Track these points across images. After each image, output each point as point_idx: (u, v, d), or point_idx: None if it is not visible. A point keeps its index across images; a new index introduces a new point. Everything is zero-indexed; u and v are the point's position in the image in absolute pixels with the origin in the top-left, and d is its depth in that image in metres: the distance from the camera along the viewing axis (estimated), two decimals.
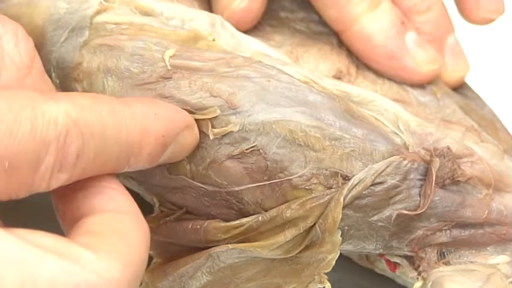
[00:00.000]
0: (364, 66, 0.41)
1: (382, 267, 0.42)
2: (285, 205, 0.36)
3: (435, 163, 0.37)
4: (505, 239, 0.39)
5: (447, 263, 0.38)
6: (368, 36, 0.41)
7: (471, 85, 0.44)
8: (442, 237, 0.38)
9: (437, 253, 0.38)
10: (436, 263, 0.38)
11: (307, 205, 0.36)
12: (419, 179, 0.37)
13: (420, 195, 0.37)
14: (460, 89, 0.44)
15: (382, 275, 0.43)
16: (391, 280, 0.43)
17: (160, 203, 0.38)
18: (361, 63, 0.41)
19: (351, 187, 0.36)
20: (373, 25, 0.40)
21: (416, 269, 0.38)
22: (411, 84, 0.41)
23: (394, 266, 0.40)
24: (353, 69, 0.41)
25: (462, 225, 0.38)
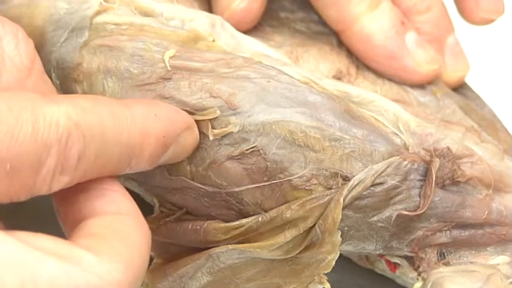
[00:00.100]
0: (364, 66, 0.41)
1: (382, 268, 0.42)
2: (284, 206, 0.36)
3: (435, 163, 0.37)
4: (505, 240, 0.39)
5: (447, 264, 0.38)
6: (368, 36, 0.41)
7: (471, 85, 0.44)
8: (442, 238, 0.38)
9: (437, 253, 0.38)
10: (436, 264, 0.38)
11: (307, 206, 0.36)
12: (419, 180, 0.37)
13: (420, 196, 0.37)
14: (460, 89, 0.44)
15: (382, 275, 0.43)
16: (391, 280, 0.43)
17: (161, 204, 0.38)
18: (361, 64, 0.41)
19: (350, 188, 0.36)
20: (373, 25, 0.40)
21: (416, 269, 0.38)
22: (411, 84, 0.41)
23: (394, 266, 0.40)
24: (353, 70, 0.41)
25: (462, 225, 0.38)
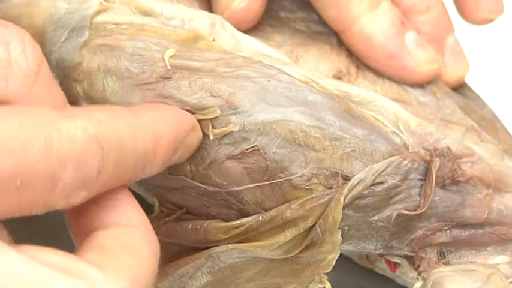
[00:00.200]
0: (364, 66, 0.41)
1: (382, 267, 0.42)
2: (285, 205, 0.36)
3: (435, 163, 0.37)
4: (505, 239, 0.39)
5: (447, 263, 0.38)
6: (368, 36, 0.41)
7: (471, 85, 0.44)
8: (442, 237, 0.38)
9: (438, 253, 0.38)
10: (436, 263, 0.38)
11: (307, 205, 0.36)
12: (419, 179, 0.37)
13: (420, 195, 0.37)
14: (460, 89, 0.44)
15: (382, 275, 0.43)
16: (391, 280, 0.43)
17: (161, 203, 0.38)
18: (361, 63, 0.41)
19: (351, 187, 0.36)
20: (373, 25, 0.41)
21: (416, 269, 0.38)
22: (411, 84, 0.41)
23: (394, 266, 0.40)
24: (353, 69, 0.41)
25: (462, 225, 0.38)
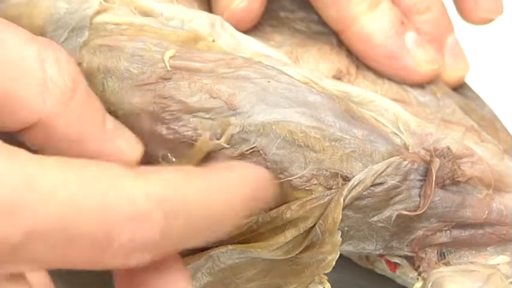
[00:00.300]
0: (364, 66, 0.41)
1: (382, 268, 0.42)
2: (284, 206, 0.36)
3: (435, 163, 0.37)
4: (505, 239, 0.39)
5: (447, 264, 0.38)
6: (368, 36, 0.41)
7: (471, 85, 0.44)
8: (442, 238, 0.38)
9: (438, 253, 0.38)
10: (436, 263, 0.38)
11: (307, 206, 0.36)
12: (419, 180, 0.37)
13: (420, 196, 0.37)
14: (460, 89, 0.44)
15: (382, 275, 0.43)
16: (391, 280, 0.43)
17: None
18: (361, 63, 0.41)
19: (351, 188, 0.36)
20: (373, 25, 0.40)
21: (416, 269, 0.38)
22: (411, 84, 0.41)
23: (394, 266, 0.40)
24: (353, 69, 0.41)
25: (462, 225, 0.38)
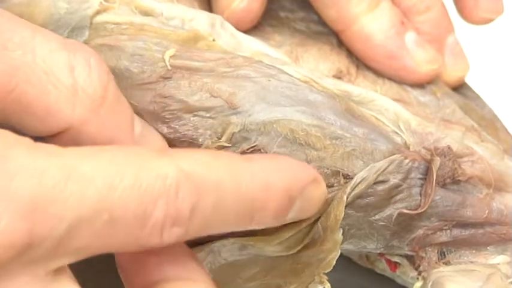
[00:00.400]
0: (364, 66, 0.41)
1: (382, 267, 0.42)
2: None
3: (436, 162, 0.37)
4: (505, 239, 0.39)
5: (447, 263, 0.38)
6: (368, 36, 0.41)
7: (471, 85, 0.44)
8: (443, 237, 0.38)
9: (438, 253, 0.38)
10: (436, 263, 0.38)
11: None
12: (420, 178, 0.37)
13: (421, 195, 0.37)
14: (460, 89, 0.44)
15: (382, 275, 0.43)
16: (391, 280, 0.43)
17: None
18: (361, 63, 0.41)
19: (353, 185, 0.36)
20: (373, 25, 0.41)
21: (416, 268, 0.38)
22: (411, 84, 0.41)
23: (394, 265, 0.40)
24: (353, 69, 0.41)
25: (462, 224, 0.38)
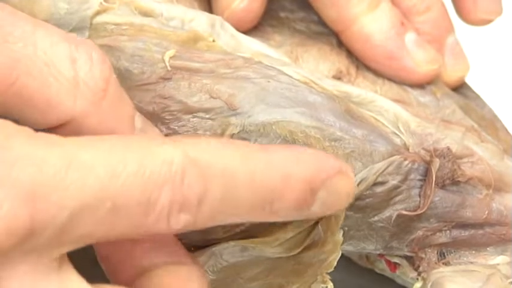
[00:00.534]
0: (364, 66, 0.41)
1: (382, 267, 0.42)
2: None
3: (435, 163, 0.37)
4: (505, 240, 0.39)
5: (447, 264, 0.38)
6: (367, 36, 0.41)
7: (471, 85, 0.44)
8: (442, 238, 0.38)
9: (437, 253, 0.38)
10: (436, 264, 0.38)
11: None
12: (419, 180, 0.37)
13: (420, 196, 0.37)
14: (460, 89, 0.44)
15: (382, 275, 0.43)
16: (391, 280, 0.43)
17: None
18: (361, 64, 0.41)
19: None
20: (373, 25, 0.41)
21: (416, 269, 0.38)
22: (411, 84, 0.41)
23: (394, 266, 0.40)
24: (353, 70, 0.41)
25: (462, 225, 0.38)
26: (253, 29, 0.41)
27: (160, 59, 0.36)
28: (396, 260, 0.40)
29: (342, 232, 0.36)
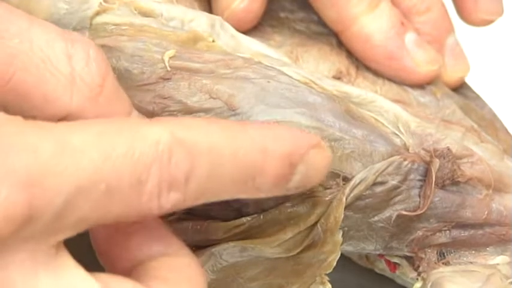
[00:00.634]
0: (364, 66, 0.41)
1: (382, 267, 0.42)
2: (285, 203, 0.36)
3: (435, 164, 0.37)
4: (505, 240, 0.39)
5: (447, 264, 0.38)
6: (367, 36, 0.41)
7: (471, 85, 0.44)
8: (442, 238, 0.38)
9: (437, 253, 0.38)
10: (435, 264, 0.38)
11: (310, 202, 0.36)
12: (419, 180, 0.37)
13: (420, 196, 0.37)
14: (460, 89, 0.44)
15: (382, 275, 0.43)
16: (391, 280, 0.43)
17: None
18: (361, 64, 0.41)
19: (353, 186, 0.36)
20: (373, 25, 0.41)
21: (416, 269, 0.38)
22: (411, 84, 0.41)
23: (394, 266, 0.41)
24: (353, 70, 0.41)
25: (462, 225, 0.38)
26: (253, 29, 0.41)
27: (160, 59, 0.37)
28: (396, 260, 0.40)
29: (342, 232, 0.36)
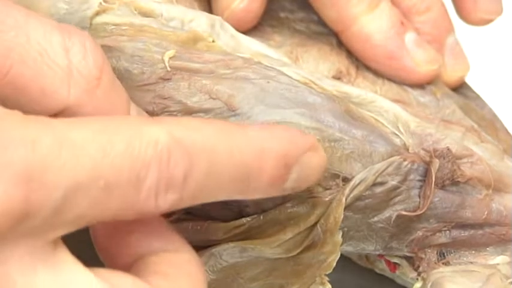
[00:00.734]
0: (364, 66, 0.41)
1: (382, 267, 0.42)
2: (285, 204, 0.36)
3: (435, 164, 0.37)
4: (505, 240, 0.39)
5: (447, 264, 0.38)
6: (367, 36, 0.41)
7: (471, 85, 0.44)
8: (442, 238, 0.38)
9: (437, 254, 0.38)
10: (435, 264, 0.38)
11: (309, 202, 0.36)
12: (419, 180, 0.37)
13: (420, 196, 0.37)
14: (460, 89, 0.44)
15: (382, 275, 0.43)
16: (391, 280, 0.43)
17: None
18: (361, 64, 0.41)
19: (352, 187, 0.36)
20: (373, 25, 0.41)
21: (416, 269, 0.38)
22: (411, 84, 0.41)
23: (393, 266, 0.41)
24: (353, 70, 0.41)
25: (462, 225, 0.38)
26: (253, 29, 0.41)
27: (160, 60, 0.37)
28: (396, 260, 0.40)
29: (341, 233, 0.36)
